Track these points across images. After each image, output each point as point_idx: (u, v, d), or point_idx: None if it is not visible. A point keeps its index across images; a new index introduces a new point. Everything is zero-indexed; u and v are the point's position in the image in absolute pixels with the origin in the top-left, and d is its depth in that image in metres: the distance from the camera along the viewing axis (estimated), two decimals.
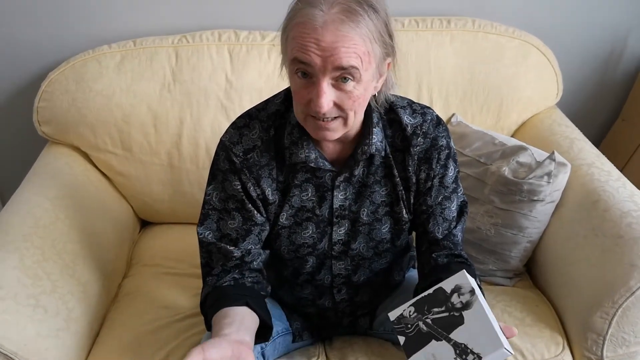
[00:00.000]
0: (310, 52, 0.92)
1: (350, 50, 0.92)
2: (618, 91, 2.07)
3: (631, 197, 1.40)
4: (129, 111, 1.65)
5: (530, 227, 1.51)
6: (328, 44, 0.91)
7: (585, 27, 1.93)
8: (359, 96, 0.98)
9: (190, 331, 1.38)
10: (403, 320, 0.94)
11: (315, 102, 0.96)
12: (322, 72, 0.94)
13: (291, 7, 0.97)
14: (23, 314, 1.21)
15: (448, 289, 0.94)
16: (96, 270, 1.46)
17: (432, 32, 1.74)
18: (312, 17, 0.92)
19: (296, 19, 0.94)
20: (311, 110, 0.98)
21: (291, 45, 0.95)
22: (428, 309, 0.93)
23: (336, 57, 0.92)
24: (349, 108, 0.99)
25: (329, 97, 0.96)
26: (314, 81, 0.96)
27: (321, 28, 0.91)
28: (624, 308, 1.27)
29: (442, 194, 1.15)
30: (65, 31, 1.78)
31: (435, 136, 1.13)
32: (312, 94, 0.96)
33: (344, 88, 0.96)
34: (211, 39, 1.70)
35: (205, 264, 1.16)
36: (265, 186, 1.12)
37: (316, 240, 1.18)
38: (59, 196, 1.51)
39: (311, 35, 0.92)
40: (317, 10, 0.92)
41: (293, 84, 1.00)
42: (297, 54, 0.94)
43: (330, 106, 0.97)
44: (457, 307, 0.91)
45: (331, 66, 0.93)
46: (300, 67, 0.95)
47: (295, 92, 1.00)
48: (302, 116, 1.02)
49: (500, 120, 1.80)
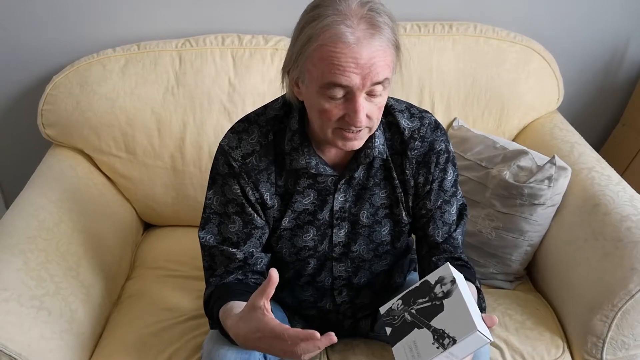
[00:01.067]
0: (350, 73, 0.92)
1: (384, 63, 0.93)
2: (618, 96, 2.07)
3: (631, 201, 1.40)
4: (133, 114, 1.66)
5: (531, 230, 1.51)
6: (365, 60, 0.91)
7: (586, 32, 1.94)
8: (383, 104, 1.00)
9: (192, 333, 1.39)
10: (391, 312, 0.97)
11: (353, 118, 0.96)
12: (360, 90, 0.94)
13: (308, 26, 0.94)
14: (27, 316, 1.21)
15: (432, 280, 0.96)
16: (99, 272, 1.47)
17: (434, 37, 1.75)
18: (342, 35, 0.90)
19: (321, 38, 0.92)
20: (344, 124, 0.98)
21: (320, 66, 0.93)
22: (414, 301, 0.96)
23: (374, 73, 0.92)
24: (376, 118, 1.00)
25: (365, 111, 0.96)
26: (348, 98, 0.96)
27: (356, 46, 0.90)
28: (624, 311, 1.27)
29: (441, 197, 1.16)
30: (70, 35, 1.80)
31: (433, 140, 1.14)
32: (348, 109, 0.96)
33: (375, 99, 0.97)
34: (214, 43, 1.71)
35: (208, 267, 1.17)
36: (263, 190, 1.13)
37: (317, 243, 1.19)
38: (62, 198, 1.52)
39: (347, 55, 0.91)
40: (344, 27, 0.90)
41: (320, 104, 0.97)
42: (335, 77, 0.92)
43: (366, 118, 0.98)
44: (439, 296, 0.94)
45: (370, 82, 0.93)
46: (337, 90, 0.94)
47: (325, 111, 0.98)
48: (329, 131, 1.01)
49: (501, 125, 1.81)
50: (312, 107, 1.01)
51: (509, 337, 1.38)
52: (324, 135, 1.03)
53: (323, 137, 1.04)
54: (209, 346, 1.15)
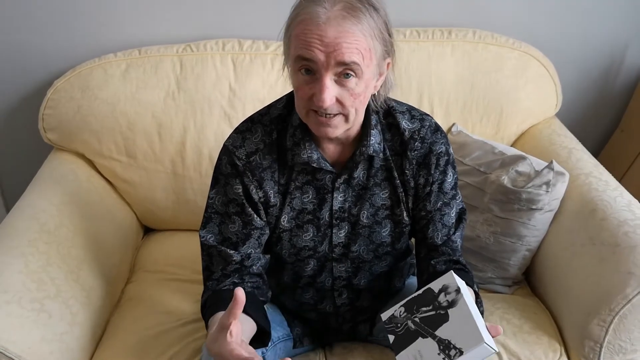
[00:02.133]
0: (314, 48, 0.95)
1: (352, 46, 0.95)
2: (617, 102, 2.08)
3: (628, 206, 1.41)
4: (134, 119, 1.67)
5: (529, 235, 1.52)
6: (331, 39, 0.94)
7: (584, 38, 1.95)
8: (359, 93, 1.01)
9: (192, 336, 1.39)
10: (394, 320, 0.97)
11: (317, 96, 0.98)
12: (325, 68, 0.96)
13: (294, 7, 1.00)
14: (27, 318, 1.22)
15: (436, 289, 0.96)
16: (100, 275, 1.48)
17: (433, 43, 1.76)
18: (315, 15, 0.95)
19: (299, 17, 0.97)
20: (313, 104, 1.00)
21: (294, 43, 0.98)
22: (417, 309, 0.95)
23: (339, 52, 0.95)
24: (350, 105, 1.01)
25: (331, 92, 0.98)
26: (317, 77, 0.98)
27: (324, 24, 0.94)
28: (621, 316, 1.28)
29: (441, 199, 1.17)
30: (72, 39, 1.81)
31: (433, 142, 1.15)
32: (314, 89, 0.99)
33: (346, 84, 0.99)
34: (215, 48, 1.72)
35: (206, 267, 1.17)
36: (267, 188, 1.14)
37: (317, 243, 1.19)
38: (63, 202, 1.53)
39: (314, 32, 0.95)
40: (320, 7, 0.95)
41: (295, 81, 1.02)
42: (301, 51, 0.96)
43: (332, 101, 0.99)
44: (444, 305, 0.93)
45: (334, 61, 0.95)
46: (304, 64, 0.98)
47: (298, 89, 1.02)
48: (304, 112, 1.04)
49: (500, 130, 1.82)
50: (293, 87, 1.04)
51: (507, 342, 1.38)
52: (303, 118, 1.06)
53: (304, 120, 1.06)
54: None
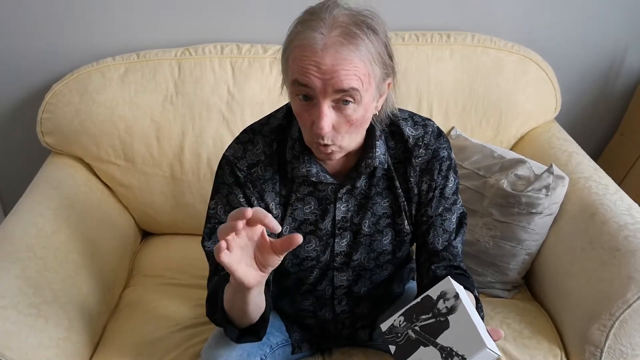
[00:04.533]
0: (311, 75, 0.93)
1: (350, 73, 0.93)
2: (616, 106, 2.08)
3: (628, 210, 1.41)
4: (132, 123, 1.66)
5: (528, 239, 1.51)
6: (328, 67, 0.93)
7: (583, 42, 1.95)
8: (357, 119, 0.99)
9: (190, 341, 1.38)
10: (394, 330, 0.95)
11: (316, 124, 0.97)
12: (323, 95, 0.95)
13: (291, 30, 0.98)
14: (24, 324, 1.21)
15: (434, 295, 0.94)
16: (97, 280, 1.47)
17: (432, 47, 1.76)
18: (312, 41, 0.93)
19: (296, 41, 0.95)
20: (313, 132, 0.99)
21: (292, 67, 0.96)
22: (416, 317, 0.94)
23: (336, 79, 0.93)
24: (344, 132, 1.00)
25: (329, 120, 0.97)
26: (315, 103, 0.97)
27: (321, 51, 0.92)
28: (622, 320, 1.27)
29: (442, 205, 1.16)
30: (70, 43, 1.81)
31: (437, 147, 1.14)
32: (313, 116, 0.97)
33: (344, 111, 0.97)
34: (213, 52, 1.72)
35: (214, 270, 1.15)
36: (269, 200, 1.13)
37: (319, 253, 1.19)
38: (61, 206, 1.52)
39: (311, 58, 0.93)
40: (317, 33, 0.93)
41: (295, 106, 1.01)
42: (298, 76, 0.95)
43: (330, 128, 0.98)
44: (443, 312, 0.92)
45: (332, 89, 0.94)
46: (301, 89, 0.96)
47: (298, 115, 1.01)
48: (307, 137, 1.03)
49: (499, 134, 1.82)
50: (295, 112, 1.03)
51: (507, 346, 1.37)
52: (308, 144, 1.05)
53: (309, 146, 1.05)
54: (208, 354, 1.15)
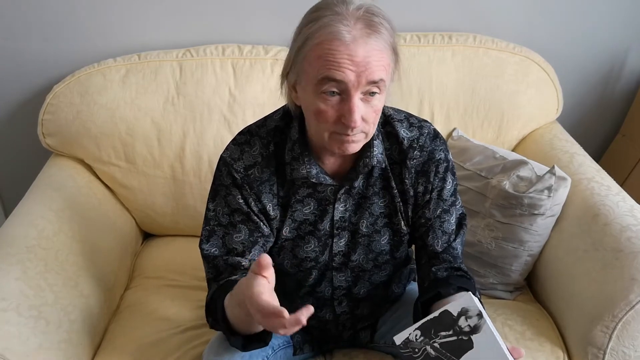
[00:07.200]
0: (344, 69, 0.92)
1: (380, 64, 0.94)
2: (618, 107, 2.08)
3: (631, 211, 1.40)
4: (133, 124, 1.66)
5: (530, 240, 1.51)
6: (361, 58, 0.92)
7: (585, 43, 1.95)
8: (380, 108, 1.00)
9: (192, 343, 1.38)
10: (410, 344, 0.92)
11: (348, 118, 0.96)
12: (355, 88, 0.94)
13: (303, 29, 0.96)
14: (25, 326, 1.21)
15: (455, 311, 0.92)
16: (98, 282, 1.47)
17: (434, 48, 1.76)
18: (339, 34, 0.92)
19: (317, 38, 0.94)
20: (340, 126, 0.98)
21: (316, 64, 0.94)
22: (435, 333, 0.91)
23: (370, 71, 0.93)
24: (372, 122, 1.00)
25: (360, 112, 0.96)
26: (344, 97, 0.96)
27: (352, 44, 0.92)
28: (624, 322, 1.27)
29: (440, 207, 1.16)
30: (71, 45, 1.80)
31: (432, 149, 1.14)
32: (342, 110, 0.96)
33: (372, 101, 0.97)
34: (215, 53, 1.71)
35: (213, 278, 1.15)
36: (266, 202, 1.13)
37: (318, 254, 1.19)
38: (62, 208, 1.52)
39: (343, 52, 0.92)
40: (342, 26, 0.92)
41: (316, 104, 0.98)
42: (329, 72, 0.93)
43: (362, 121, 0.97)
44: (465, 330, 0.90)
45: (365, 80, 0.94)
46: (331, 85, 0.95)
47: (321, 112, 0.98)
48: (326, 134, 1.01)
49: (501, 135, 1.81)
50: (309, 109, 1.01)
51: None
52: (320, 140, 1.03)
53: (320, 141, 1.04)
54: (209, 356, 1.14)
